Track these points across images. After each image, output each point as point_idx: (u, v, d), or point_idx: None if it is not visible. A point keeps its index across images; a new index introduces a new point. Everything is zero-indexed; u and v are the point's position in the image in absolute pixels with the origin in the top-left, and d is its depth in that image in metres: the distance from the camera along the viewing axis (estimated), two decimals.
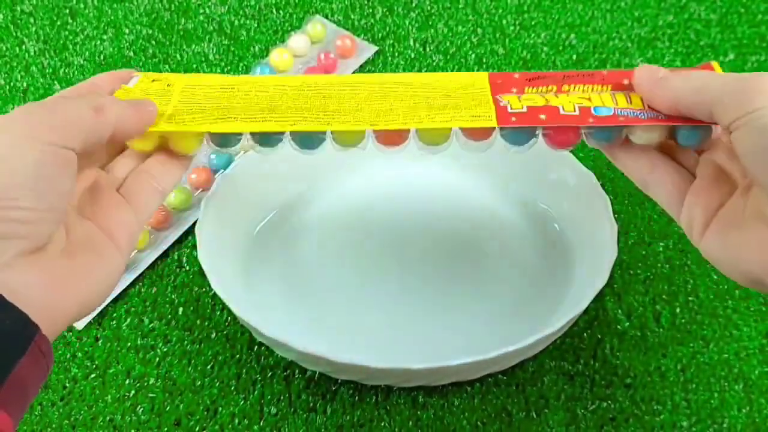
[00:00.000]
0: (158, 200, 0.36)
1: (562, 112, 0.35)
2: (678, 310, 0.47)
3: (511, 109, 0.35)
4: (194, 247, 0.50)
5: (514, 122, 0.35)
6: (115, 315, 0.48)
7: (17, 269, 0.28)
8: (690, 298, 0.48)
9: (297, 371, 0.45)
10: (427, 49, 0.63)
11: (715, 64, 0.35)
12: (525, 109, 0.35)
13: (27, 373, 0.27)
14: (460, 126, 0.35)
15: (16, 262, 0.28)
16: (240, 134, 0.36)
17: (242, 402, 0.44)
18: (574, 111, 0.35)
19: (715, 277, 0.49)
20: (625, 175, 0.37)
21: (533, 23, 0.64)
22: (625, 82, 0.36)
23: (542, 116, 0.35)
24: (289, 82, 0.38)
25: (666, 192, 0.35)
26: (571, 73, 0.37)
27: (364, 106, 0.36)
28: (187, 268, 0.50)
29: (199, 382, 0.45)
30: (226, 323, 0.47)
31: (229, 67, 0.61)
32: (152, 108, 0.35)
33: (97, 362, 0.46)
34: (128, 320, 0.47)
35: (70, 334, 0.47)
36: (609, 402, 0.44)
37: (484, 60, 0.62)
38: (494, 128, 0.35)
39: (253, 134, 0.36)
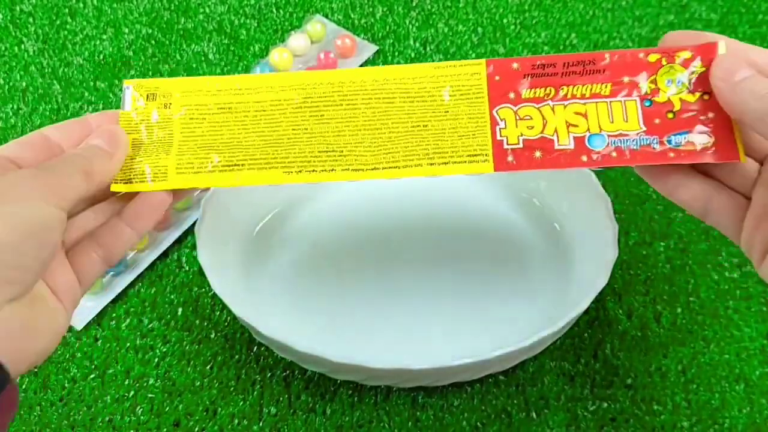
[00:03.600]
0: (101, 270, 0.35)
1: (557, 146, 0.35)
2: (679, 310, 0.47)
3: (508, 143, 0.35)
4: (194, 247, 0.50)
5: (510, 164, 0.35)
6: (114, 315, 0.47)
7: (2, 312, 0.29)
8: (691, 299, 0.48)
9: (296, 372, 0.45)
10: (428, 49, 0.63)
11: (720, 45, 0.34)
12: (521, 144, 0.35)
13: None
14: (457, 173, 0.35)
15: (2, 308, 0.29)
16: None
17: (241, 402, 0.44)
18: (569, 144, 0.35)
19: (716, 277, 0.49)
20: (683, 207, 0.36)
21: (534, 22, 0.64)
22: (625, 79, 0.35)
23: (537, 154, 0.35)
24: (286, 96, 0.37)
25: (724, 221, 0.34)
26: (572, 60, 0.36)
27: (364, 136, 0.35)
28: (187, 268, 0.50)
29: (199, 383, 0.45)
30: (226, 323, 0.47)
31: (228, 67, 0.61)
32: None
33: (96, 363, 0.45)
34: (127, 320, 0.47)
35: (70, 334, 0.47)
36: (609, 402, 0.44)
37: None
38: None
39: None
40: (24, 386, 0.44)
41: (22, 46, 0.63)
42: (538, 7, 0.65)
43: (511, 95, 0.36)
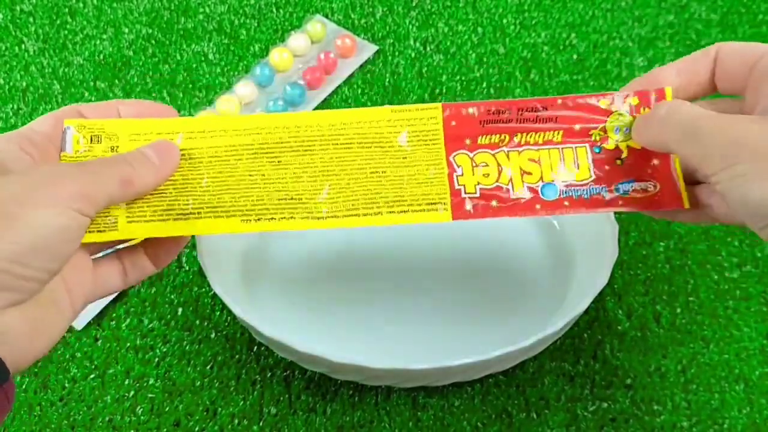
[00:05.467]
0: (120, 286, 0.36)
1: (512, 195, 0.35)
2: (678, 310, 0.47)
3: (465, 192, 0.35)
4: (194, 246, 0.50)
5: (468, 213, 0.35)
6: (114, 315, 0.47)
7: (5, 316, 0.28)
8: (690, 299, 0.48)
9: (297, 372, 0.45)
10: (428, 49, 0.63)
11: (668, 91, 0.35)
12: (478, 193, 0.35)
13: None
14: (416, 222, 0.35)
15: (5, 310, 0.28)
16: None
17: (242, 402, 0.44)
18: (523, 194, 0.35)
19: (716, 277, 0.49)
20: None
21: (534, 22, 0.64)
22: (576, 126, 0.36)
23: (494, 203, 0.35)
24: (241, 141, 0.36)
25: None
26: (526, 106, 0.36)
27: (323, 183, 0.35)
28: (187, 268, 0.50)
29: (199, 383, 0.45)
30: (226, 323, 0.47)
31: (229, 67, 0.61)
32: (173, 166, 0.35)
33: (96, 363, 0.45)
34: (127, 320, 0.47)
35: (70, 334, 0.47)
36: (609, 403, 0.44)
37: (485, 59, 0.62)
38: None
39: None
40: (24, 386, 0.44)
41: (23, 46, 0.63)
42: (538, 7, 0.65)
43: (467, 141, 0.36)
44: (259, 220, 0.35)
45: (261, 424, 0.43)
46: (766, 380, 0.44)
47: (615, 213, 0.38)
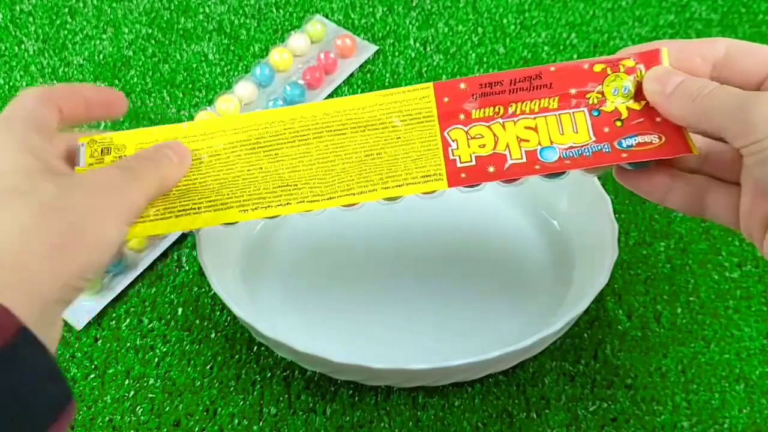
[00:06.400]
0: None
1: (509, 160, 0.35)
2: (679, 310, 0.47)
3: (461, 162, 0.35)
4: (194, 246, 0.50)
5: (463, 179, 0.35)
6: (114, 315, 0.47)
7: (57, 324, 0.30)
8: (691, 299, 0.48)
9: (297, 372, 0.45)
10: (428, 49, 0.62)
11: (664, 52, 0.34)
12: (473, 162, 0.35)
13: None
14: (411, 193, 0.35)
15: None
16: None
17: (242, 402, 0.44)
18: (521, 158, 0.35)
19: (716, 277, 0.49)
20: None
21: (534, 22, 0.64)
22: (572, 91, 0.35)
23: (491, 169, 0.35)
24: (239, 138, 0.37)
25: (722, 213, 0.34)
26: (518, 77, 0.36)
27: (318, 169, 0.36)
28: (187, 268, 0.50)
29: (199, 383, 0.45)
30: (226, 323, 0.47)
31: (228, 67, 0.61)
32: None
33: (96, 363, 0.45)
34: (127, 320, 0.47)
35: (69, 334, 0.47)
36: (610, 402, 0.43)
37: (485, 59, 0.62)
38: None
39: None
40: None
41: (22, 46, 0.63)
42: (538, 7, 0.65)
43: (461, 116, 0.36)
44: (255, 209, 0.35)
45: (261, 424, 0.43)
46: (766, 380, 0.44)
47: (622, 168, 0.35)
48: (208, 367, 0.45)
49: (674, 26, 0.63)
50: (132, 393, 0.44)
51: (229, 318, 0.47)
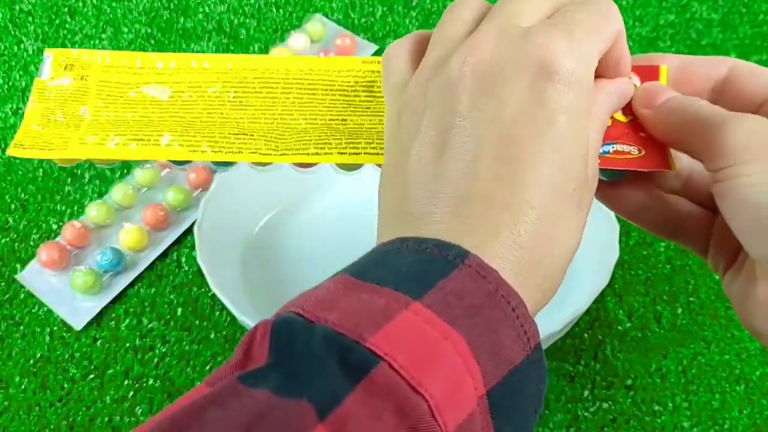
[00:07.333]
0: None
1: None
2: (679, 310, 0.47)
3: None
4: (193, 247, 0.50)
5: None
6: (113, 315, 0.47)
7: None
8: (691, 299, 0.48)
9: None
10: None
11: (663, 69, 0.32)
12: None
13: (461, 286, 0.23)
14: (368, 163, 0.33)
15: None
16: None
17: None
18: None
19: (716, 277, 0.48)
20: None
21: None
22: None
23: None
24: (206, 78, 0.35)
25: (692, 237, 0.32)
26: None
27: (279, 125, 0.34)
28: (186, 268, 0.50)
29: (198, 383, 0.44)
30: (225, 324, 0.47)
31: None
32: None
33: (95, 363, 0.45)
34: (127, 321, 0.47)
35: (69, 334, 0.47)
36: (610, 403, 0.43)
37: None
38: None
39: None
40: (23, 386, 0.44)
41: (22, 46, 0.63)
42: None
43: None
44: (204, 151, 0.33)
45: None
46: (766, 381, 0.44)
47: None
48: (207, 367, 0.45)
49: (674, 26, 0.63)
50: (131, 393, 0.44)
51: (228, 318, 0.47)
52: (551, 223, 0.25)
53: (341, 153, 0.33)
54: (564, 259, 0.27)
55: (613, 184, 0.33)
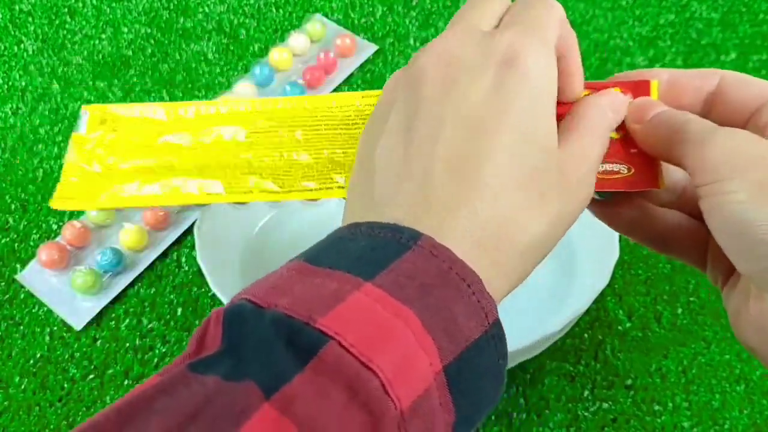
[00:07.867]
0: None
1: None
2: (679, 310, 0.47)
3: None
4: (193, 247, 0.50)
5: None
6: (113, 315, 0.47)
7: None
8: (691, 299, 0.48)
9: None
10: None
11: (653, 84, 0.32)
12: None
13: (412, 267, 0.24)
14: None
15: None
16: None
17: None
18: None
19: None
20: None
21: None
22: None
23: None
24: (223, 122, 0.37)
25: (688, 251, 0.32)
26: None
27: (285, 162, 0.37)
28: (186, 268, 0.50)
29: None
30: None
31: (228, 66, 0.61)
32: None
33: (95, 363, 0.45)
34: (126, 321, 0.47)
35: (69, 334, 0.47)
36: (610, 403, 0.43)
37: None
38: None
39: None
40: (23, 387, 0.44)
41: (21, 46, 0.63)
42: None
43: None
44: (219, 193, 0.36)
45: None
46: (766, 381, 0.44)
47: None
48: None
49: (674, 26, 0.63)
50: None
51: None
52: (509, 205, 0.26)
53: (340, 188, 0.36)
54: (527, 246, 0.27)
55: (603, 203, 0.33)
